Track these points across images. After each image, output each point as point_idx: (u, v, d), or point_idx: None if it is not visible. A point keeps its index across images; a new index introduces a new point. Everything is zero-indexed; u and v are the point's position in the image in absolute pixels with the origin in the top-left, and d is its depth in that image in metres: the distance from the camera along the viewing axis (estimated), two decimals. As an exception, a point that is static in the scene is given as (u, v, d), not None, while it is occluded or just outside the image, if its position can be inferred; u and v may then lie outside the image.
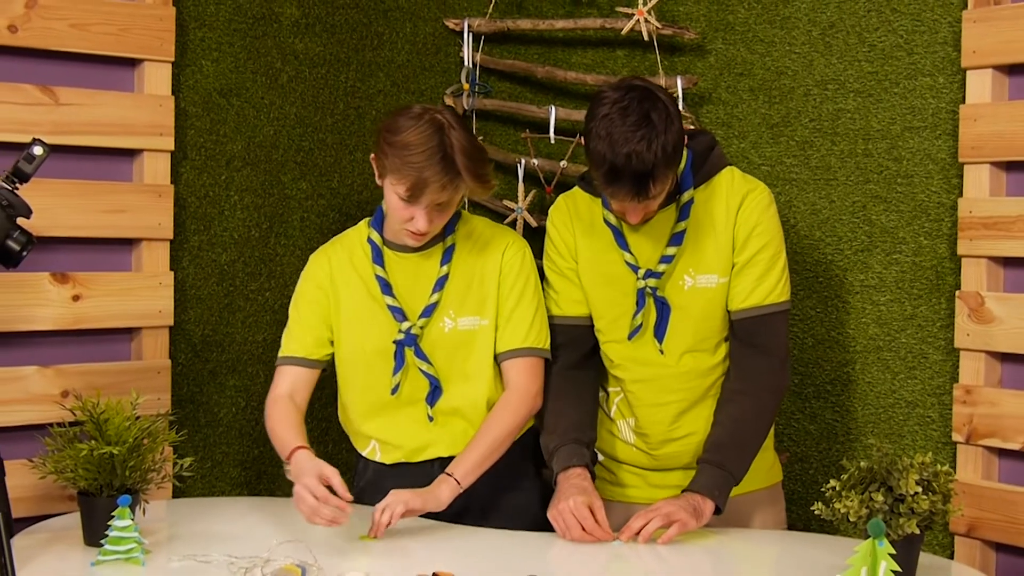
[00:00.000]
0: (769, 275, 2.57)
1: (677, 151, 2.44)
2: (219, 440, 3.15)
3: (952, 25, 2.77)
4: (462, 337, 2.67)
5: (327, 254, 2.75)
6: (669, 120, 2.41)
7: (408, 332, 2.63)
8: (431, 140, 2.50)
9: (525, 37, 3.56)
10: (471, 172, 2.52)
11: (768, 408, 2.59)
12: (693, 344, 2.60)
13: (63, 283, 2.86)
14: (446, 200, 2.54)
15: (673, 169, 2.45)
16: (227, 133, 3.15)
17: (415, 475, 2.67)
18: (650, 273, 2.57)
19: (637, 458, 2.68)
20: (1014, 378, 2.72)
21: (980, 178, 2.72)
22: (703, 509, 2.43)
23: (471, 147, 2.54)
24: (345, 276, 2.70)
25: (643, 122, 2.39)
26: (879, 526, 2.01)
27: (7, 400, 2.75)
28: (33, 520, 2.63)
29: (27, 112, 2.78)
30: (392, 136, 2.54)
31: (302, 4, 3.26)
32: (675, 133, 2.42)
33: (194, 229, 3.09)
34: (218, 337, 3.14)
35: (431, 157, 2.49)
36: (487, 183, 2.60)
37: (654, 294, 2.58)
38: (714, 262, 2.58)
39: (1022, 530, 2.64)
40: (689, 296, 2.58)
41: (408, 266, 2.69)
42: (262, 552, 2.27)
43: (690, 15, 3.23)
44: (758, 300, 2.57)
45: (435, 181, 2.49)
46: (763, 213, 2.58)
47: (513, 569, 2.26)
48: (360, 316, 2.68)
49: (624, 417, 2.69)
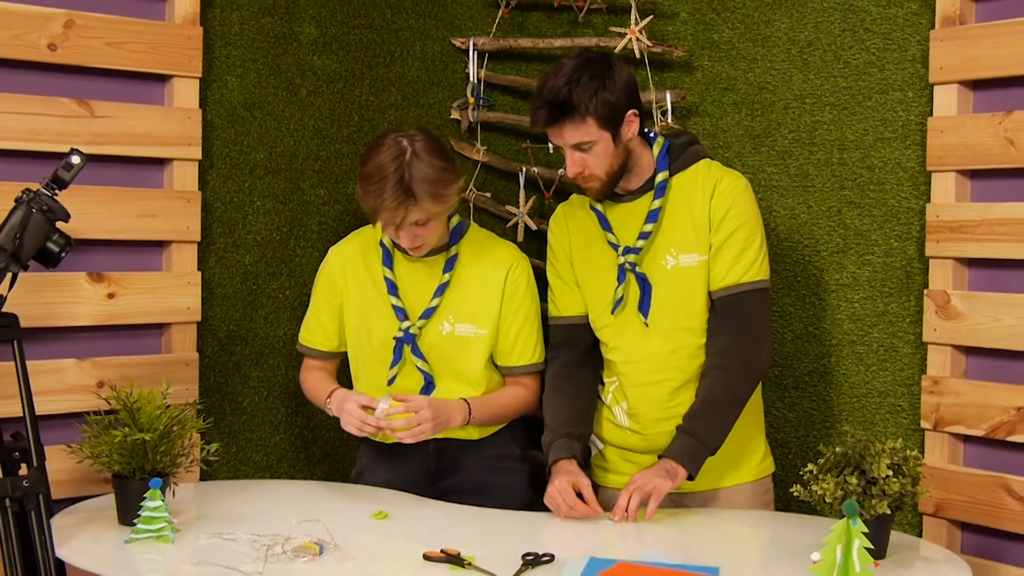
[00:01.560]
0: (745, 255, 2.54)
1: (607, 108, 2.46)
2: (243, 427, 3.15)
3: (920, 44, 2.77)
4: (458, 342, 2.69)
5: (341, 251, 2.80)
6: (603, 78, 2.46)
7: (407, 331, 2.65)
8: (389, 166, 2.52)
9: (526, 54, 3.55)
10: (429, 194, 2.52)
11: (741, 383, 2.54)
12: (680, 323, 2.57)
13: (99, 282, 2.86)
14: (419, 218, 2.55)
15: (601, 123, 2.46)
16: (250, 143, 3.15)
17: (411, 454, 2.71)
18: (628, 249, 2.57)
19: (631, 442, 2.66)
20: (978, 370, 2.71)
21: (946, 185, 2.72)
22: (675, 471, 2.43)
23: (431, 171, 2.53)
24: (356, 272, 2.73)
25: (576, 69, 2.46)
26: (853, 507, 2.01)
27: (47, 390, 2.74)
28: (71, 501, 2.63)
29: (65, 124, 2.78)
30: (362, 166, 2.59)
31: (320, 24, 3.26)
32: (605, 91, 2.45)
33: (220, 232, 3.09)
34: (242, 332, 3.14)
35: (384, 182, 2.51)
36: (445, 203, 2.58)
37: (633, 269, 2.57)
38: (693, 242, 2.56)
39: (985, 510, 2.64)
40: (673, 275, 2.57)
41: (414, 270, 2.71)
42: (283, 531, 2.28)
43: (678, 34, 3.22)
44: (735, 279, 2.54)
45: (388, 205, 2.51)
46: (738, 197, 2.56)
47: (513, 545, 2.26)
48: (368, 310, 2.71)
49: (618, 402, 2.67)
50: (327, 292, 2.79)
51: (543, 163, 3.47)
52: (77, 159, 2.30)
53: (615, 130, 2.50)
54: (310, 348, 2.83)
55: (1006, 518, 2.60)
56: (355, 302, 2.74)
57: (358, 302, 2.73)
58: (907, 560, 2.25)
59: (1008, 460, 2.64)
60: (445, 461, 2.74)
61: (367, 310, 2.72)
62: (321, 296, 2.80)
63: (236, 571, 2.09)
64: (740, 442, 2.61)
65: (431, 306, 2.68)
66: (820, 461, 2.24)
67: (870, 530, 2.06)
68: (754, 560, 2.22)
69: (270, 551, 2.17)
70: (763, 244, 2.59)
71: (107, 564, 2.17)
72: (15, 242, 2.24)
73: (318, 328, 2.81)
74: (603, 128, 2.48)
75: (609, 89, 2.46)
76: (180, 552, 2.21)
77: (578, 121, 2.45)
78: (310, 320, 2.83)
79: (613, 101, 2.47)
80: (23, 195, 2.28)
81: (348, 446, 3.31)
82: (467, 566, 2.13)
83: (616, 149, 2.52)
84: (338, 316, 2.77)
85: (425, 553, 2.19)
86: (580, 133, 2.47)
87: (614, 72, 2.49)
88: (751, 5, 3.09)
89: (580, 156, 2.50)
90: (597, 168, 2.52)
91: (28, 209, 2.26)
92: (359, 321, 2.73)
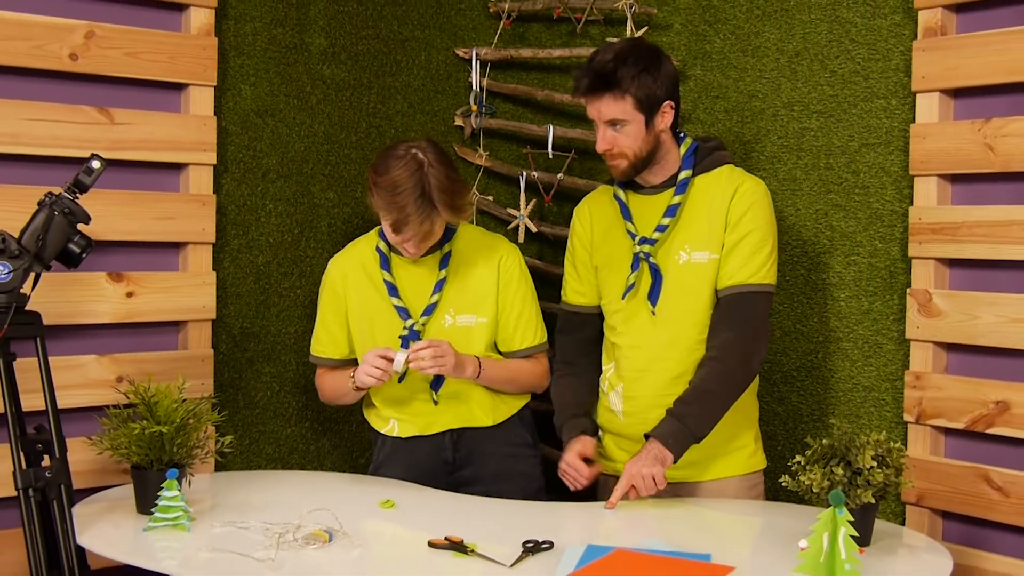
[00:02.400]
0: (755, 257, 2.53)
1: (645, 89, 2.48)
2: (256, 420, 3.15)
3: (904, 54, 2.77)
4: (461, 332, 2.71)
5: (340, 262, 2.81)
6: (649, 64, 2.49)
7: (411, 328, 2.66)
8: (410, 180, 2.52)
9: (526, 64, 3.55)
10: (447, 205, 2.55)
11: (735, 377, 2.51)
12: (685, 316, 2.56)
13: (118, 281, 2.86)
14: (429, 228, 2.58)
15: (638, 106, 2.48)
16: (263, 149, 3.15)
17: (428, 446, 2.72)
18: (645, 240, 2.57)
19: (625, 428, 2.64)
20: (958, 366, 2.71)
21: (928, 189, 2.72)
22: (664, 455, 2.42)
23: (448, 183, 2.55)
24: (357, 279, 2.75)
25: (626, 50, 2.50)
26: (839, 496, 2.01)
27: (69, 385, 2.75)
28: (92, 491, 2.64)
29: (86, 130, 2.79)
30: (378, 177, 2.58)
31: (329, 35, 3.26)
32: (648, 75, 2.48)
33: (234, 234, 3.09)
34: (255, 329, 3.14)
35: (408, 195, 2.52)
36: (462, 213, 2.63)
37: (647, 259, 2.56)
38: (707, 240, 2.55)
39: (966, 500, 2.64)
40: (684, 269, 2.56)
41: (411, 271, 2.73)
42: (294, 519, 2.28)
43: (672, 44, 3.23)
44: (742, 279, 2.52)
45: (414, 217, 2.53)
46: (757, 201, 2.55)
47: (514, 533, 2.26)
48: (371, 314, 2.72)
49: (614, 387, 2.66)
50: (331, 303, 2.80)
51: (543, 168, 3.47)
52: (97, 164, 2.31)
53: (650, 116, 2.51)
54: (323, 358, 2.84)
55: (986, 507, 2.60)
56: (358, 308, 2.75)
57: (361, 307, 2.74)
58: (891, 547, 2.25)
59: (987, 452, 2.64)
60: (462, 452, 2.75)
61: (371, 314, 2.73)
62: (327, 307, 2.81)
63: (249, 558, 2.09)
64: (727, 435, 2.59)
65: (432, 302, 2.69)
66: (808, 453, 2.24)
67: (855, 518, 2.06)
68: (744, 547, 2.22)
69: (282, 538, 2.18)
70: (774, 251, 2.58)
71: (126, 551, 2.17)
72: (38, 243, 2.25)
73: (328, 339, 2.82)
74: (639, 110, 2.49)
75: (653, 75, 2.49)
76: (196, 539, 2.21)
77: (617, 96, 2.48)
78: (319, 332, 2.84)
79: (654, 87, 2.49)
80: (46, 198, 2.29)
81: (356, 438, 3.32)
82: (470, 553, 2.13)
83: (647, 135, 2.53)
84: (345, 324, 2.78)
85: (430, 540, 2.19)
86: (616, 109, 2.49)
87: (661, 62, 2.52)
88: (741, 17, 3.09)
89: (612, 134, 2.52)
90: (626, 147, 2.53)
91: (50, 212, 2.27)
92: (365, 325, 2.74)
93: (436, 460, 2.75)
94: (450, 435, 2.73)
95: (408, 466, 2.75)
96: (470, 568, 2.08)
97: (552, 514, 2.48)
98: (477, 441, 2.76)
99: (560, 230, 3.40)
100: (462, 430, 2.74)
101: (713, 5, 3.15)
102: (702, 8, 3.17)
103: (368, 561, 2.13)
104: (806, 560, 2.01)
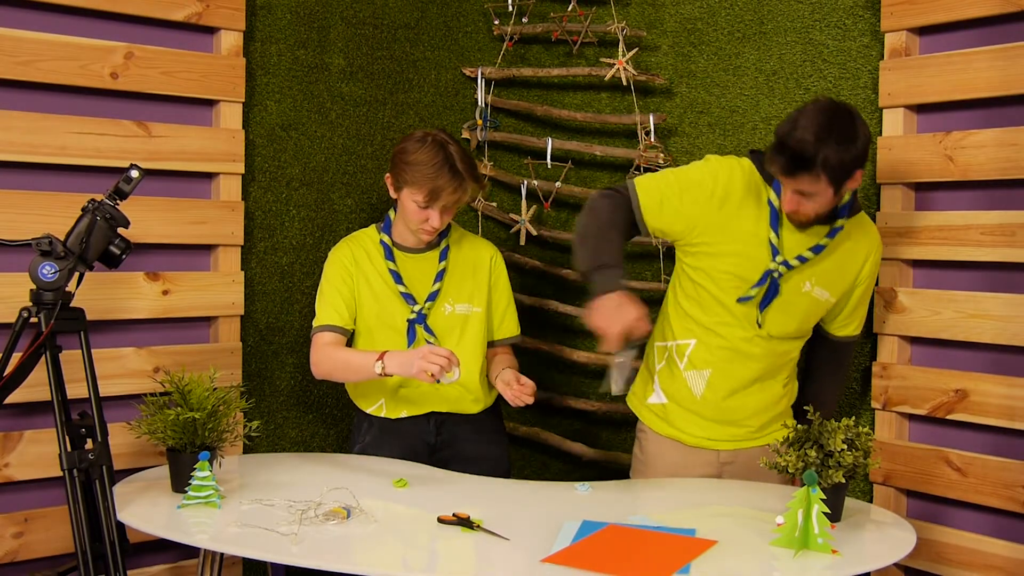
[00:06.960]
0: (866, 311, 2.62)
1: (842, 170, 2.25)
2: (280, 407, 3.14)
3: (871, 72, 2.76)
4: (458, 319, 2.72)
5: (348, 246, 2.78)
6: (847, 141, 2.23)
7: (419, 312, 2.66)
8: (438, 155, 2.59)
9: (527, 82, 3.55)
10: (471, 175, 2.62)
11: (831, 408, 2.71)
12: (787, 334, 2.53)
13: (155, 280, 2.86)
14: (455, 200, 2.62)
15: (831, 182, 2.27)
16: (287, 160, 3.14)
17: (413, 427, 2.71)
18: (785, 263, 2.44)
19: (700, 408, 2.56)
20: (921, 357, 2.71)
21: (894, 196, 2.71)
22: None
23: (467, 156, 2.64)
24: (365, 264, 2.73)
25: (826, 127, 2.23)
26: (812, 476, 2.01)
27: (110, 375, 2.74)
28: (130, 471, 2.64)
29: (126, 143, 2.78)
30: (407, 156, 2.62)
31: (347, 56, 3.26)
32: (847, 153, 2.23)
33: (260, 237, 3.09)
34: (279, 324, 3.13)
35: (441, 168, 2.57)
36: (482, 182, 2.72)
37: (777, 280, 2.45)
38: (833, 283, 2.50)
39: (927, 479, 2.63)
40: (803, 297, 2.49)
41: (413, 263, 2.74)
42: (315, 497, 2.28)
43: (660, 64, 3.22)
44: (854, 330, 2.62)
45: (448, 186, 2.58)
46: (879, 263, 2.61)
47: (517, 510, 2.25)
48: (379, 298, 2.71)
49: (697, 368, 2.55)
50: (343, 276, 2.71)
51: (542, 177, 3.47)
52: (136, 173, 2.30)
53: (839, 186, 2.31)
54: (330, 325, 2.68)
55: (945, 486, 2.60)
56: (368, 290, 2.72)
57: (370, 291, 2.72)
58: (860, 523, 2.24)
59: (947, 435, 2.64)
60: (444, 436, 2.75)
61: (379, 298, 2.72)
62: (337, 280, 2.70)
63: (274, 532, 2.08)
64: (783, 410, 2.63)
65: (434, 290, 2.71)
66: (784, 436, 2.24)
67: (827, 497, 2.06)
68: (726, 522, 2.21)
69: (304, 515, 2.17)
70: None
71: (162, 526, 2.17)
72: (82, 245, 2.25)
73: (333, 311, 2.69)
74: (831, 185, 2.28)
75: (850, 152, 2.25)
76: (225, 516, 2.20)
77: (813, 178, 2.26)
78: (330, 302, 2.70)
79: (849, 163, 2.26)
80: (89, 204, 2.28)
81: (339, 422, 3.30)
82: (476, 528, 2.13)
83: (833, 199, 2.35)
84: (353, 299, 2.71)
85: (439, 517, 2.18)
86: (808, 185, 2.29)
87: (857, 134, 2.26)
88: (723, 39, 3.08)
89: (798, 198, 2.33)
90: (811, 211, 2.36)
91: (93, 217, 2.26)
92: (374, 308, 2.71)
93: (419, 441, 2.75)
94: (435, 418, 2.73)
95: (394, 448, 2.73)
96: (476, 541, 2.07)
97: (550, 494, 2.47)
98: (457, 426, 2.76)
99: (558, 233, 3.39)
100: (447, 415, 2.74)
101: (698, 28, 3.14)
102: (687, 31, 3.16)
103: (383, 535, 2.12)
104: (783, 534, 2.01)
